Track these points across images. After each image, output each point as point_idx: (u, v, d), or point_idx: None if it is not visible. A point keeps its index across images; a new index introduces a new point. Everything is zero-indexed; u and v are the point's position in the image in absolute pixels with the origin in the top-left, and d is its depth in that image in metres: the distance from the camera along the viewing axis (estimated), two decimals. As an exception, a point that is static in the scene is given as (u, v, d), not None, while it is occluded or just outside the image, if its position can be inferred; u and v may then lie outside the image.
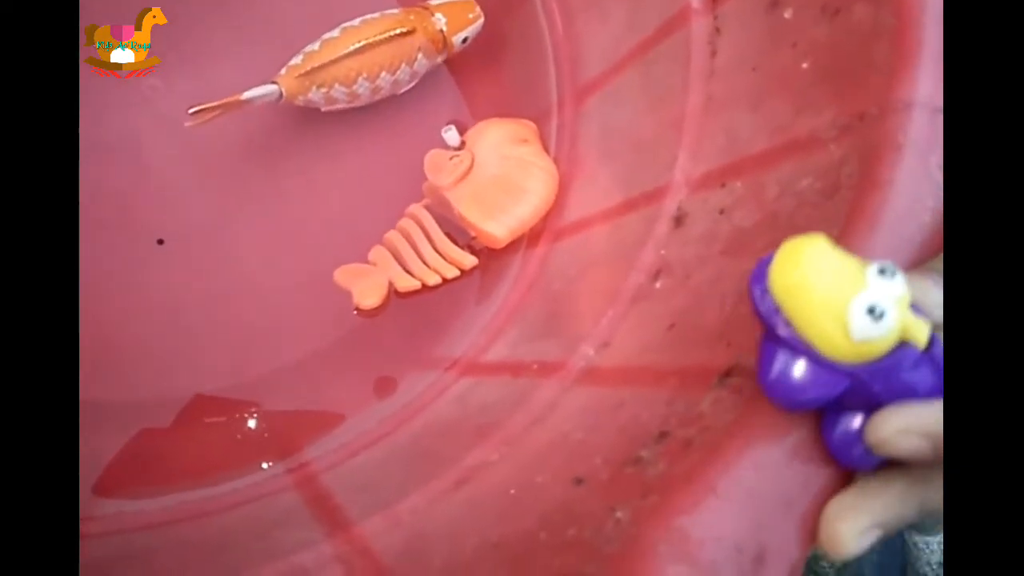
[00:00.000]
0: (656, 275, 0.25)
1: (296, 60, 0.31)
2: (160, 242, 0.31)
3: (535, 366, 0.26)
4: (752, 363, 0.17)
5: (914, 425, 0.14)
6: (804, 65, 0.23)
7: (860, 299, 0.14)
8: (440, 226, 0.31)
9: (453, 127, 0.33)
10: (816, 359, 0.14)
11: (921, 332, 0.14)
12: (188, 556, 0.21)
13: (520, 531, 0.16)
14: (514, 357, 0.28)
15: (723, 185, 0.24)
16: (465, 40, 0.33)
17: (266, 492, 0.26)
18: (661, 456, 0.15)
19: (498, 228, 0.30)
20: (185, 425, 0.29)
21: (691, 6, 0.27)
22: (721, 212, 0.23)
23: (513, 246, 0.31)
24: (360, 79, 0.31)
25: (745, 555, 0.13)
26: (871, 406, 0.14)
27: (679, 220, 0.26)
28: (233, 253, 0.31)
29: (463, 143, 0.33)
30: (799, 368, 0.14)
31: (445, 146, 0.33)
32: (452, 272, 0.31)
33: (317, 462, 0.27)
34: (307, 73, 0.30)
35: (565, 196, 0.32)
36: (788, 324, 0.14)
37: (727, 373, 0.17)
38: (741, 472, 0.14)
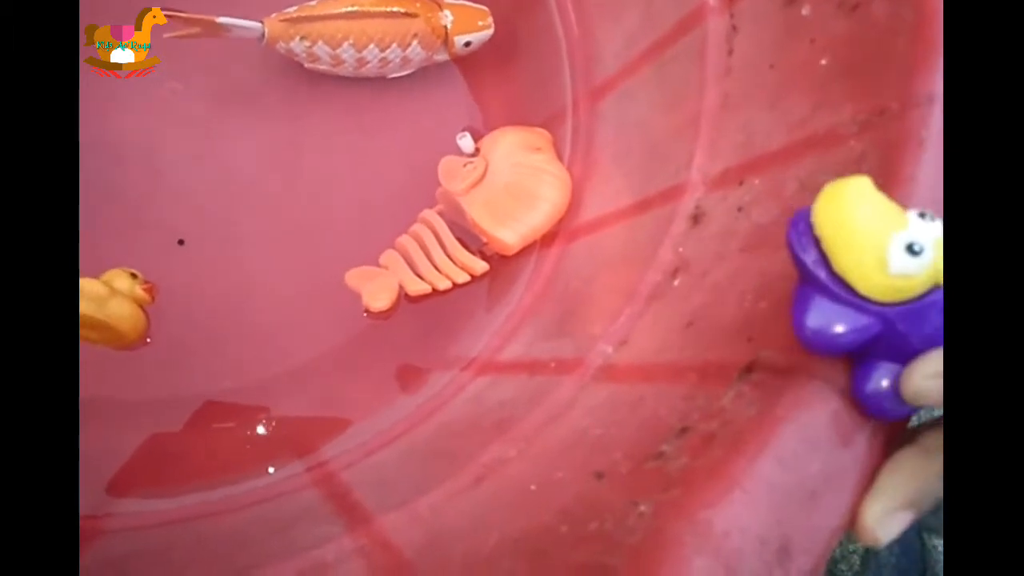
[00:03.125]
0: (674, 273, 0.25)
1: (290, 9, 0.31)
2: (181, 242, 0.32)
3: (552, 364, 0.26)
4: (775, 360, 0.17)
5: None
6: (822, 61, 0.23)
7: (900, 236, 0.14)
8: (452, 231, 0.31)
9: (468, 134, 0.33)
10: (850, 301, 0.15)
11: None
12: (207, 552, 0.21)
13: (541, 525, 0.16)
14: (530, 356, 0.28)
15: (741, 183, 0.24)
16: (468, 44, 0.33)
17: (284, 490, 0.27)
18: (683, 450, 0.15)
19: (510, 235, 0.30)
20: (200, 425, 0.29)
21: (707, 4, 0.27)
22: (739, 210, 0.23)
23: (527, 247, 0.31)
24: (346, 44, 0.31)
25: (769, 547, 0.13)
26: (902, 355, 0.15)
27: (696, 218, 0.25)
28: (247, 254, 0.32)
29: (477, 150, 0.33)
30: (832, 311, 0.15)
31: (459, 152, 0.33)
32: (463, 277, 0.31)
33: (334, 461, 0.27)
34: (293, 20, 0.30)
35: (581, 196, 0.32)
36: (824, 261, 0.15)
37: (748, 368, 0.17)
38: (764, 466, 0.14)
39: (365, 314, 0.31)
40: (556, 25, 0.35)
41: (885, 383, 0.15)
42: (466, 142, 0.33)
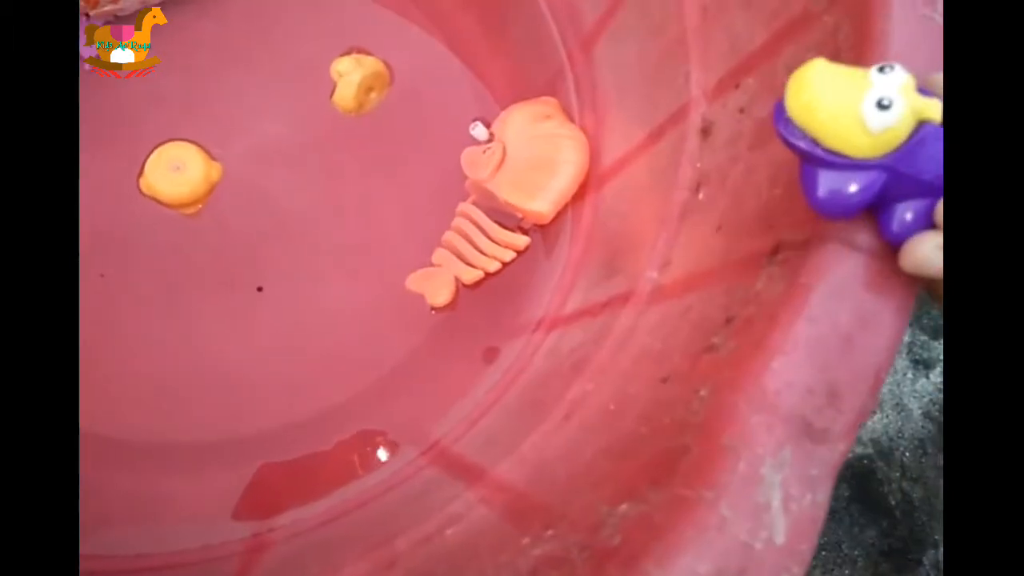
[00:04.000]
0: (697, 188, 0.26)
1: None
2: (259, 289, 0.35)
3: (610, 302, 0.28)
4: (794, 237, 0.18)
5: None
6: (782, -51, 0.23)
7: (868, 97, 0.15)
8: (489, 216, 0.33)
9: (479, 122, 0.35)
10: (850, 165, 0.16)
11: (933, 109, 0.15)
12: (359, 533, 0.25)
13: (624, 432, 0.18)
14: (589, 301, 0.30)
15: (737, 86, 0.25)
16: None
17: (408, 475, 0.30)
18: (730, 337, 0.17)
19: (541, 205, 0.32)
20: (324, 441, 0.33)
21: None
22: (741, 111, 0.25)
23: (561, 208, 0.33)
24: None
25: (817, 393, 0.14)
26: (914, 191, 0.16)
27: (706, 131, 0.27)
28: (316, 287, 0.34)
29: (491, 135, 0.34)
30: (839, 179, 0.16)
31: (476, 142, 0.35)
32: (509, 255, 0.33)
33: (444, 439, 0.30)
34: None
35: (598, 145, 0.33)
36: (816, 143, 0.16)
37: (774, 251, 0.18)
38: (797, 327, 0.15)
39: (432, 312, 0.33)
40: (534, -8, 0.36)
41: (908, 216, 0.16)
42: (479, 131, 0.35)
